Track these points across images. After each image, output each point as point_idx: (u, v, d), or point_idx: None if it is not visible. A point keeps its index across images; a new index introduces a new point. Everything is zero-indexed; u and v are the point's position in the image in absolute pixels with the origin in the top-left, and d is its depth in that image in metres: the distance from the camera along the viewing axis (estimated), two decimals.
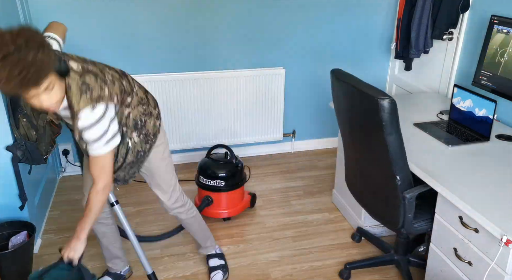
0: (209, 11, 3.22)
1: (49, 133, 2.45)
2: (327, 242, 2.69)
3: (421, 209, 2.04)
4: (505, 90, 2.29)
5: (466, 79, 2.78)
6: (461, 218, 1.78)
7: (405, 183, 1.91)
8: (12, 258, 2.23)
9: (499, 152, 2.11)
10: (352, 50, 3.60)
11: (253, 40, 3.39)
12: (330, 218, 2.93)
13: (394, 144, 1.82)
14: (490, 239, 1.64)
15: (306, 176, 3.46)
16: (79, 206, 3.03)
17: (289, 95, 3.62)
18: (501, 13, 2.42)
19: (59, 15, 2.99)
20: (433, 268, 2.02)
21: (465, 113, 2.35)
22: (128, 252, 2.44)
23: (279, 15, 3.35)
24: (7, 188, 2.36)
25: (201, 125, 3.50)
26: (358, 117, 1.95)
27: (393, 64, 3.65)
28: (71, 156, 3.41)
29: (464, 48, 2.80)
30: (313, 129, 3.83)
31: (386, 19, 3.53)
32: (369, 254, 2.58)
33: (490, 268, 1.65)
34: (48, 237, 2.73)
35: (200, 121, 3.48)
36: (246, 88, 3.46)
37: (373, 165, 2.01)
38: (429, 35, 2.89)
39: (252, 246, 2.67)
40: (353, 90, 1.89)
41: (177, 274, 2.43)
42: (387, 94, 1.75)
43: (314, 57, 3.56)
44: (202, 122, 3.49)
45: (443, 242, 1.93)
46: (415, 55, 3.02)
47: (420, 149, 2.13)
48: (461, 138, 2.23)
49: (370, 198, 2.17)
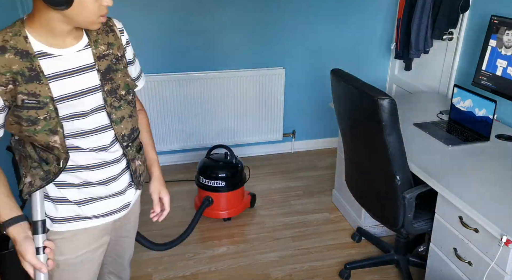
0: (209, 12, 3.22)
1: None
2: (327, 242, 2.69)
3: (421, 209, 2.04)
4: (505, 90, 2.29)
5: (466, 79, 2.78)
6: (461, 218, 1.78)
7: (405, 183, 1.91)
8: (12, 258, 2.23)
9: (499, 152, 2.11)
10: (352, 50, 3.60)
11: (253, 40, 3.39)
12: (330, 218, 2.93)
13: (394, 144, 1.82)
14: (490, 239, 1.64)
15: (306, 176, 3.46)
16: None
17: (289, 95, 3.63)
18: (501, 13, 2.42)
19: None
20: (433, 268, 2.02)
21: (465, 113, 2.35)
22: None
23: (279, 15, 3.35)
24: None
25: (201, 125, 3.50)
26: (358, 117, 1.95)
27: (393, 64, 3.65)
28: None
29: (464, 48, 2.80)
30: (313, 129, 3.83)
31: (386, 19, 3.54)
32: (369, 254, 2.58)
33: (490, 268, 1.65)
34: None
35: (200, 121, 3.48)
36: (246, 88, 3.46)
37: (373, 165, 2.01)
38: (429, 35, 2.89)
39: (252, 246, 2.67)
40: (353, 90, 1.89)
41: (177, 274, 2.43)
42: (387, 94, 1.75)
43: (314, 57, 3.56)
44: (202, 122, 3.49)
45: (443, 242, 1.93)
46: (415, 55, 3.02)
47: (420, 149, 2.13)
48: (461, 138, 2.23)
49: (370, 198, 2.17)
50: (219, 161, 2.84)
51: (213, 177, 2.77)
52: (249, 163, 3.62)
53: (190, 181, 3.32)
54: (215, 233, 2.76)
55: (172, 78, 3.29)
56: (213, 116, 3.49)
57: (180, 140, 3.51)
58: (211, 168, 2.80)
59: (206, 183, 2.79)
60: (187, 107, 3.40)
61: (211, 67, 3.39)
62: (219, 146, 2.89)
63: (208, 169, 2.80)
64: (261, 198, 3.15)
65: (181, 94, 3.35)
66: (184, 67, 3.33)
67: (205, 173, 2.79)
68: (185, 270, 2.46)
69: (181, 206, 3.04)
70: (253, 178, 3.41)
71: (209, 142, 3.55)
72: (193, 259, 2.55)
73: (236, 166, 2.83)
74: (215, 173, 2.77)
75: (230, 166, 2.81)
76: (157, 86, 3.27)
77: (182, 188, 3.25)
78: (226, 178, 2.77)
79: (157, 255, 2.56)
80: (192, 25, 3.24)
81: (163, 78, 3.27)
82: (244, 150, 3.73)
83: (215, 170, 2.78)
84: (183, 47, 3.28)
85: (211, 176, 2.77)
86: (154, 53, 3.24)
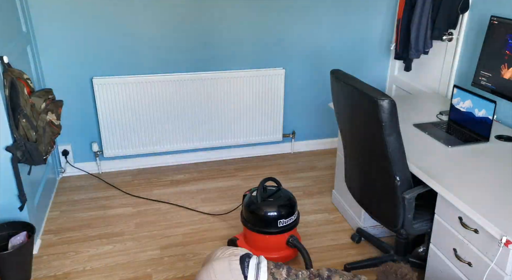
0: (208, 12, 3.22)
1: (48, 134, 2.45)
2: (326, 243, 2.69)
3: (421, 209, 2.04)
4: (505, 90, 2.29)
5: (465, 79, 2.78)
6: (461, 218, 1.78)
7: (405, 184, 1.91)
8: (12, 259, 2.23)
9: (498, 152, 2.11)
10: (352, 51, 3.60)
11: (253, 40, 3.39)
12: (329, 219, 2.93)
13: (393, 144, 1.82)
14: (489, 239, 1.64)
15: (305, 177, 3.46)
16: (79, 207, 3.05)
17: (289, 96, 3.63)
18: (500, 13, 2.42)
19: (60, 18, 2.99)
20: (433, 269, 2.02)
21: (465, 114, 2.35)
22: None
23: (279, 16, 3.35)
24: (7, 189, 2.36)
25: (201, 126, 3.50)
26: (357, 117, 1.95)
27: (392, 65, 3.66)
28: (71, 157, 3.41)
29: (464, 48, 2.80)
30: (313, 129, 3.83)
31: (386, 19, 3.54)
32: (369, 255, 2.58)
33: (490, 269, 1.65)
34: (48, 237, 2.73)
35: (200, 121, 3.48)
36: (246, 89, 3.46)
37: (372, 166, 2.01)
38: (428, 36, 2.89)
39: None
40: (352, 91, 1.89)
41: (177, 275, 2.43)
42: (387, 95, 1.75)
43: (314, 58, 3.56)
44: (202, 123, 3.49)
45: (442, 243, 1.93)
46: (415, 56, 3.02)
47: (420, 149, 2.13)
48: (461, 139, 2.23)
49: (370, 199, 2.17)
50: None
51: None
52: (249, 164, 3.62)
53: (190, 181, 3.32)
54: (216, 233, 2.76)
55: (172, 79, 3.29)
56: (213, 117, 3.49)
57: (179, 141, 3.50)
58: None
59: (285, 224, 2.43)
60: (187, 107, 3.40)
61: (211, 68, 3.39)
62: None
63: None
64: None
65: (180, 95, 3.35)
66: (184, 68, 3.33)
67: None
68: (184, 271, 2.46)
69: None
70: (253, 178, 3.41)
71: (209, 143, 3.55)
72: (192, 259, 2.55)
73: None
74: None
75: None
76: (157, 87, 3.27)
77: (183, 188, 3.25)
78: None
79: (157, 256, 2.57)
80: (191, 26, 3.24)
81: (163, 78, 3.26)
82: (244, 150, 3.73)
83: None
84: (183, 48, 3.28)
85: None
86: (154, 54, 3.24)
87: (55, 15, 2.99)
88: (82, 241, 2.69)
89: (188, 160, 3.63)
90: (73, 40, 3.09)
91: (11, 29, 2.56)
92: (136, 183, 3.33)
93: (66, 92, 3.20)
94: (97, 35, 3.11)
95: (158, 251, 2.61)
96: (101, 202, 3.09)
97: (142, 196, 3.17)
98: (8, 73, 2.28)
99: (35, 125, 2.34)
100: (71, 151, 3.40)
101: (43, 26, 3.01)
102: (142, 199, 3.12)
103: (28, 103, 2.32)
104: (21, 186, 2.37)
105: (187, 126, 3.47)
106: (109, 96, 3.20)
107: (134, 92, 3.23)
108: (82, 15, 3.03)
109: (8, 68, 2.30)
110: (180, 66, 3.32)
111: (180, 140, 3.50)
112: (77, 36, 3.08)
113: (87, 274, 2.43)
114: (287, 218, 2.39)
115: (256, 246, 2.44)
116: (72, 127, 3.32)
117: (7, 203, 2.38)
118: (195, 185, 3.28)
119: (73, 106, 3.26)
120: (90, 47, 3.13)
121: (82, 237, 2.73)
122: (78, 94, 3.24)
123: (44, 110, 2.45)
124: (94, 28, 3.09)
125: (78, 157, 3.44)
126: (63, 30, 3.05)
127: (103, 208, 3.00)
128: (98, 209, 3.00)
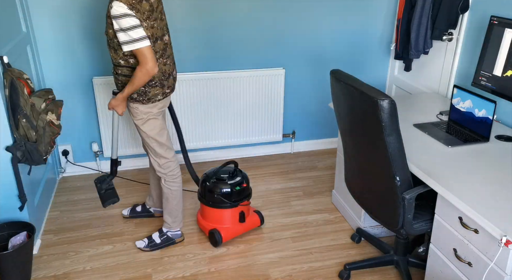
0: (208, 12, 3.22)
1: (48, 134, 2.45)
2: (326, 243, 2.69)
3: (421, 209, 2.04)
4: (505, 91, 2.29)
5: (465, 79, 2.78)
6: (461, 218, 1.78)
7: (405, 184, 1.91)
8: (12, 259, 2.23)
9: (499, 152, 2.11)
10: (352, 51, 3.60)
11: (253, 40, 3.39)
12: (329, 219, 2.93)
13: (393, 144, 1.82)
14: (489, 239, 1.64)
15: (305, 177, 3.46)
16: (79, 207, 3.05)
17: (289, 96, 3.63)
18: (500, 13, 2.42)
19: (60, 18, 2.99)
20: (433, 269, 2.02)
21: (465, 114, 2.35)
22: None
23: (279, 16, 3.35)
24: (7, 189, 2.36)
25: (200, 126, 3.50)
26: (357, 117, 1.95)
27: (392, 65, 3.66)
28: (71, 157, 3.41)
29: (464, 48, 2.80)
30: (313, 129, 3.83)
31: (385, 19, 3.54)
32: (369, 255, 2.58)
33: (490, 269, 1.65)
34: (48, 237, 2.73)
35: (200, 121, 3.48)
36: (246, 89, 3.46)
37: (372, 166, 2.01)
38: (428, 36, 2.89)
39: (251, 246, 2.67)
40: (352, 91, 1.89)
41: (177, 275, 2.43)
42: (387, 95, 1.75)
43: (314, 58, 3.56)
44: (202, 123, 3.49)
45: (442, 243, 1.93)
46: (415, 56, 3.02)
47: (420, 149, 2.13)
48: (461, 139, 2.23)
49: (370, 199, 2.17)
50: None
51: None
52: (249, 164, 3.62)
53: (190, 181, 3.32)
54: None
55: None
56: (212, 117, 3.49)
57: (177, 141, 3.50)
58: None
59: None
60: (186, 107, 3.40)
61: (211, 68, 3.39)
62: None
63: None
64: (261, 198, 3.15)
65: (180, 95, 3.35)
66: (184, 68, 3.33)
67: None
68: (185, 271, 2.46)
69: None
70: (253, 178, 3.41)
71: (208, 143, 3.55)
72: (192, 259, 2.55)
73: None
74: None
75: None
76: None
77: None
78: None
79: (157, 256, 2.57)
80: (191, 26, 3.24)
81: None
82: (244, 150, 3.72)
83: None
84: (183, 48, 3.28)
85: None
86: None
87: (55, 15, 2.99)
88: (82, 241, 2.69)
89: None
90: (73, 40, 3.09)
91: (11, 29, 2.56)
92: (137, 183, 3.33)
93: (66, 92, 3.20)
94: (97, 35, 3.11)
95: (158, 251, 2.61)
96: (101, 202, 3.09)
97: (142, 196, 3.17)
98: (8, 73, 2.27)
99: (35, 125, 2.34)
100: (71, 151, 3.40)
101: (43, 26, 3.01)
102: (142, 199, 3.12)
103: (28, 103, 2.32)
104: (21, 186, 2.37)
105: (187, 126, 3.47)
106: (109, 96, 3.20)
107: None
108: (82, 15, 3.03)
109: (8, 68, 2.30)
110: (180, 66, 3.31)
111: (177, 140, 3.50)
112: (77, 36, 3.08)
113: (87, 274, 2.43)
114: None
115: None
116: (72, 127, 3.32)
117: (7, 203, 2.38)
118: (195, 185, 3.28)
119: (73, 106, 3.26)
120: (90, 47, 3.13)
121: (82, 237, 2.73)
122: (78, 94, 3.24)
123: (44, 110, 2.45)
124: (94, 28, 3.09)
125: (78, 157, 3.44)
126: (63, 30, 3.05)
127: (103, 208, 3.00)
128: (98, 209, 3.00)
